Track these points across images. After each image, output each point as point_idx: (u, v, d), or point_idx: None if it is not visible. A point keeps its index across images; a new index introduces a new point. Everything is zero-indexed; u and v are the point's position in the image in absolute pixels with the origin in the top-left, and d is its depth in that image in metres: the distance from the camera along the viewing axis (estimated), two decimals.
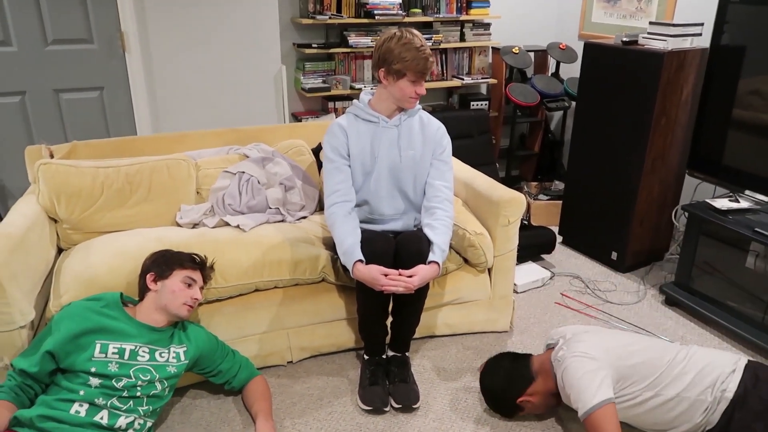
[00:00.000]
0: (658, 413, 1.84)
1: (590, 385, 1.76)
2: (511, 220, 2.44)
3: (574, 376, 1.80)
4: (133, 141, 2.70)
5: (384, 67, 2.08)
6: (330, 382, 2.29)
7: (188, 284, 1.95)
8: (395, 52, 2.04)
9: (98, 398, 1.72)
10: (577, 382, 1.78)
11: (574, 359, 1.83)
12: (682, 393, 1.81)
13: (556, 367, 1.92)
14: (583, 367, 1.80)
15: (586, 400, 1.75)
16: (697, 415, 1.81)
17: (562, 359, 1.88)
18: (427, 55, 2.05)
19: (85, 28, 3.11)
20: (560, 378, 1.87)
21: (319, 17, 3.54)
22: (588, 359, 1.81)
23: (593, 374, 1.78)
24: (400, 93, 2.10)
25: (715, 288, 2.74)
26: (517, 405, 2.01)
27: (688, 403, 1.80)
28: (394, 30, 2.09)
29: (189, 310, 1.93)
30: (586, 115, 3.25)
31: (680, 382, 1.81)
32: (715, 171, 2.76)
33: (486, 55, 4.21)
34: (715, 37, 2.68)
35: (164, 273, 1.95)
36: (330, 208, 2.13)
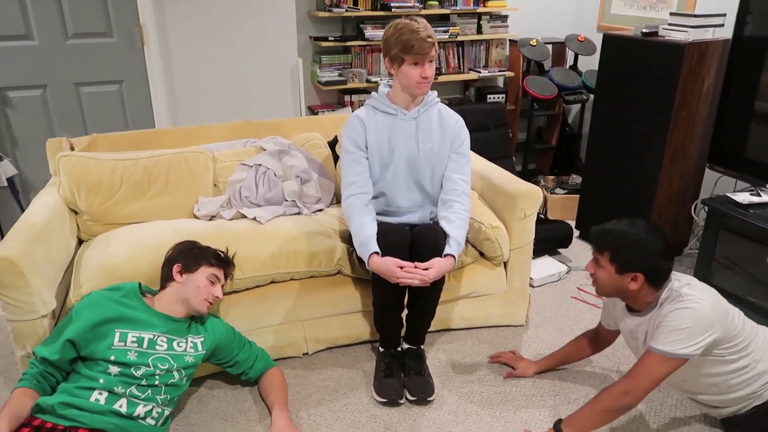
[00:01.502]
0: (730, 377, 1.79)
1: (691, 339, 1.66)
2: (527, 214, 2.43)
3: (686, 319, 1.68)
4: (152, 134, 2.72)
5: (387, 57, 2.09)
6: (345, 373, 2.31)
7: (212, 282, 1.97)
8: (391, 39, 2.05)
9: (117, 386, 1.75)
10: (683, 328, 1.67)
11: (701, 308, 1.69)
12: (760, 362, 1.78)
13: (671, 297, 1.74)
14: (703, 321, 1.67)
15: (673, 345, 1.67)
16: (758, 384, 1.79)
17: (685, 296, 1.72)
18: (423, 36, 2.00)
19: (105, 22, 3.14)
20: (668, 311, 1.72)
21: (336, 10, 3.54)
22: (710, 319, 1.68)
23: (702, 332, 1.67)
24: (407, 79, 2.08)
25: (735, 283, 2.70)
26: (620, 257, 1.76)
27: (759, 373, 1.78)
28: (398, 19, 2.08)
29: (208, 306, 1.96)
30: (604, 108, 3.22)
31: (760, 352, 1.78)
32: (736, 164, 2.71)
33: (503, 47, 4.18)
34: (737, 28, 2.64)
35: (191, 267, 1.97)
36: (347, 200, 2.13)
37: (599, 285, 1.85)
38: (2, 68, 3.02)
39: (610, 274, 1.79)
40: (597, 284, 1.86)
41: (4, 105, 3.08)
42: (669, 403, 2.15)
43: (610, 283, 1.81)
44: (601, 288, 1.85)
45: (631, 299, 1.84)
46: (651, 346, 1.73)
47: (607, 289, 1.84)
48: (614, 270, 1.78)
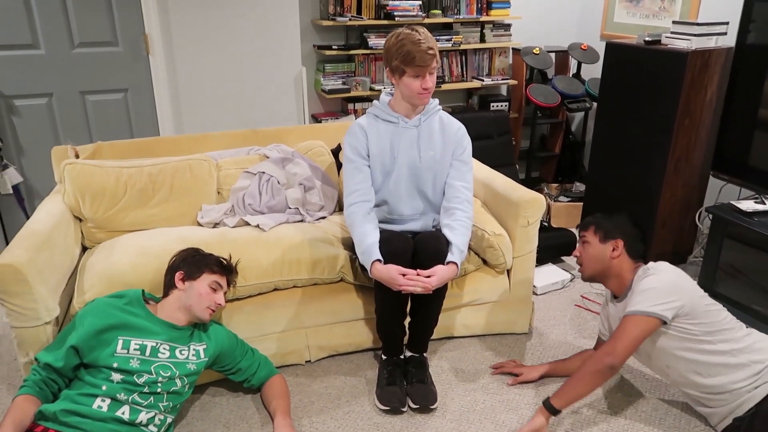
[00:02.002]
0: (709, 358, 1.86)
1: (658, 298, 1.84)
2: (530, 221, 2.42)
3: (652, 282, 1.87)
4: (156, 141, 2.74)
5: (388, 67, 2.09)
6: (348, 381, 2.30)
7: (214, 289, 1.97)
8: (393, 49, 2.04)
9: (120, 393, 1.75)
10: (649, 288, 1.86)
11: (664, 274, 1.89)
12: (740, 353, 1.84)
13: (640, 274, 1.94)
14: (666, 284, 1.86)
15: (643, 303, 1.85)
16: (739, 377, 1.83)
17: (651, 268, 1.93)
18: (424, 48, 2.00)
19: (111, 31, 3.17)
20: (638, 280, 1.92)
21: (339, 19, 3.56)
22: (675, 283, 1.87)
23: (668, 294, 1.85)
24: (408, 90, 2.09)
25: (740, 292, 2.69)
26: (602, 227, 2.05)
27: (740, 365, 1.84)
28: (400, 29, 2.09)
29: (211, 314, 1.96)
30: (607, 116, 3.22)
31: (742, 344, 1.86)
32: (740, 172, 2.71)
33: (506, 55, 4.19)
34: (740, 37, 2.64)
35: (193, 274, 1.97)
36: (349, 208, 2.14)
37: (585, 262, 2.07)
38: (9, 77, 3.04)
39: (594, 245, 2.05)
40: (583, 264, 2.08)
41: (11, 113, 3.10)
42: (668, 422, 2.14)
43: (596, 255, 2.04)
44: (588, 264, 2.07)
45: (613, 276, 2.04)
46: (626, 311, 1.88)
47: (592, 264, 2.05)
48: (598, 239, 2.04)
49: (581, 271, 2.11)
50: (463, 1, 3.92)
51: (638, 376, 2.33)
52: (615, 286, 2.06)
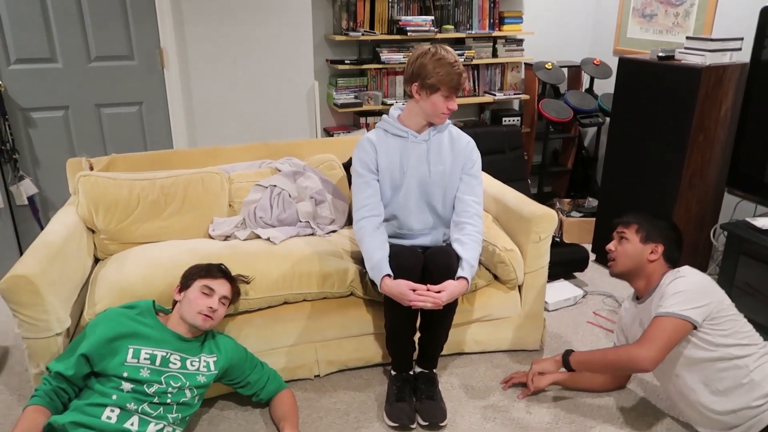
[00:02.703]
0: (725, 375, 1.84)
1: (691, 301, 1.83)
2: (542, 237, 2.41)
3: (684, 284, 1.87)
4: (170, 154, 2.76)
5: (417, 82, 2.09)
6: (357, 397, 2.28)
7: (206, 294, 1.96)
8: (429, 67, 2.05)
9: (130, 403, 1.75)
10: (682, 290, 1.86)
11: (695, 277, 1.90)
12: (755, 369, 1.81)
13: (668, 277, 1.95)
14: (698, 287, 1.87)
15: (677, 306, 1.83)
16: (752, 397, 1.80)
17: (681, 271, 1.94)
18: (460, 71, 2.06)
19: (127, 45, 3.22)
20: (665, 287, 1.91)
21: (353, 34, 3.59)
22: (705, 287, 1.87)
23: (700, 297, 1.84)
24: (432, 108, 2.10)
25: (756, 310, 2.64)
26: (644, 227, 2.05)
27: (753, 383, 1.80)
28: (428, 46, 2.10)
29: (205, 319, 1.93)
30: (620, 131, 3.20)
31: (759, 360, 1.83)
32: (755, 188, 2.67)
33: (518, 70, 4.19)
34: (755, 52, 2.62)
35: (187, 283, 1.99)
36: (359, 223, 2.13)
37: (620, 258, 2.06)
38: (27, 90, 3.09)
39: (634, 244, 2.04)
40: (617, 259, 2.07)
41: (27, 125, 3.15)
42: None
43: (633, 254, 2.03)
44: (622, 260, 2.05)
45: (644, 276, 2.04)
46: (658, 312, 1.86)
47: (627, 261, 2.04)
48: (639, 239, 2.04)
49: (612, 265, 2.10)
50: (476, 17, 3.93)
51: (652, 393, 2.29)
52: (641, 286, 2.06)
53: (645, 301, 2.02)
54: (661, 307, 1.87)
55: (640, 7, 3.88)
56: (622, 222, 2.11)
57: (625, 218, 2.12)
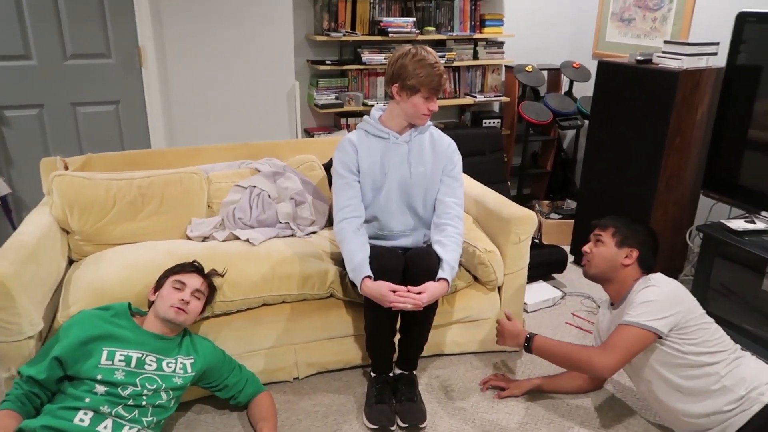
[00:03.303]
0: (696, 382, 1.85)
1: (658, 311, 1.84)
2: (522, 238, 2.42)
3: (652, 294, 1.87)
4: (147, 154, 2.73)
5: (398, 83, 2.08)
6: (336, 399, 2.27)
7: (177, 288, 1.96)
8: (410, 68, 2.04)
9: (103, 406, 1.72)
10: (650, 300, 1.86)
11: (665, 287, 1.89)
12: (726, 375, 1.83)
13: (640, 284, 1.95)
14: (666, 297, 1.86)
15: (642, 316, 1.84)
16: (723, 402, 1.81)
17: (651, 278, 1.94)
18: (441, 72, 2.05)
19: (104, 43, 3.17)
20: (636, 294, 1.92)
21: (334, 34, 3.58)
22: (674, 296, 1.87)
23: (668, 307, 1.85)
24: (413, 109, 2.10)
25: (731, 310, 2.69)
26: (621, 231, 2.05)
27: (724, 388, 1.82)
28: (409, 47, 2.09)
29: (178, 312, 1.91)
30: (599, 134, 3.23)
31: (730, 365, 1.85)
32: (730, 191, 2.72)
33: (499, 73, 4.22)
34: (731, 57, 2.67)
35: (160, 282, 1.99)
36: (339, 224, 2.12)
37: (595, 260, 2.06)
38: (0, 88, 3.03)
39: (609, 247, 2.03)
40: (592, 261, 2.07)
41: (1, 124, 3.08)
42: None
43: (608, 257, 2.02)
44: (596, 262, 2.05)
45: (617, 281, 2.03)
46: (623, 320, 1.87)
47: (601, 264, 2.04)
48: (614, 243, 2.03)
49: (586, 267, 2.10)
50: (457, 19, 3.95)
51: (629, 395, 2.31)
52: (613, 291, 2.06)
53: (618, 308, 2.02)
54: (627, 315, 1.87)
55: (618, 11, 3.93)
56: (600, 224, 2.12)
57: (603, 221, 2.12)
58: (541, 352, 2.00)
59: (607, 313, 2.12)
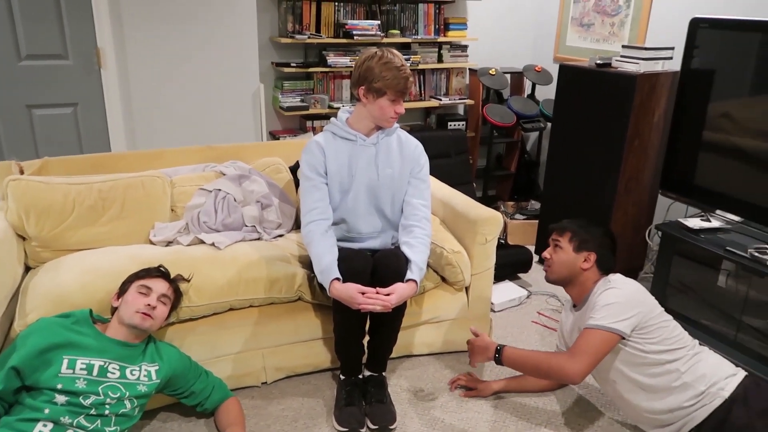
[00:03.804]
0: (658, 380, 1.89)
1: (620, 313, 1.87)
2: (488, 239, 2.45)
3: (613, 296, 1.90)
4: (108, 158, 2.66)
5: (364, 85, 2.08)
6: (305, 403, 2.25)
7: (143, 293, 1.91)
8: (376, 70, 2.05)
9: (64, 416, 1.67)
10: (611, 303, 1.89)
11: (625, 288, 1.92)
12: (686, 371, 1.87)
13: (601, 286, 1.98)
14: (627, 298, 1.89)
15: (605, 319, 1.87)
16: (684, 398, 1.85)
17: (612, 281, 1.97)
18: (407, 74, 2.06)
19: (61, 43, 3.08)
20: (597, 297, 1.94)
21: (298, 37, 3.56)
22: (635, 297, 1.90)
23: (629, 309, 1.88)
24: (380, 112, 2.10)
25: (689, 307, 2.77)
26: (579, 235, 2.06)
27: (685, 384, 1.86)
28: (375, 49, 2.10)
29: (144, 317, 1.86)
30: (561, 136, 3.30)
31: (690, 361, 1.89)
32: (687, 191, 2.81)
33: (463, 76, 4.26)
34: (685, 61, 2.76)
35: (124, 288, 1.94)
36: (307, 226, 2.11)
37: (554, 266, 2.08)
38: None
39: (567, 252, 2.05)
40: (552, 267, 2.09)
41: None
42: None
43: (567, 262, 2.05)
44: (556, 268, 2.08)
45: (577, 284, 2.06)
46: (587, 324, 1.89)
47: (561, 269, 2.07)
48: (572, 248, 2.05)
49: (547, 272, 2.12)
50: (421, 22, 3.98)
51: (594, 392, 2.36)
52: (575, 294, 2.09)
53: (581, 309, 2.06)
54: (591, 318, 1.90)
55: (578, 16, 4.02)
56: (557, 229, 2.13)
57: (560, 225, 2.13)
58: (512, 363, 2.00)
59: (570, 315, 2.15)
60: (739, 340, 2.53)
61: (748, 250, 2.43)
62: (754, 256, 2.39)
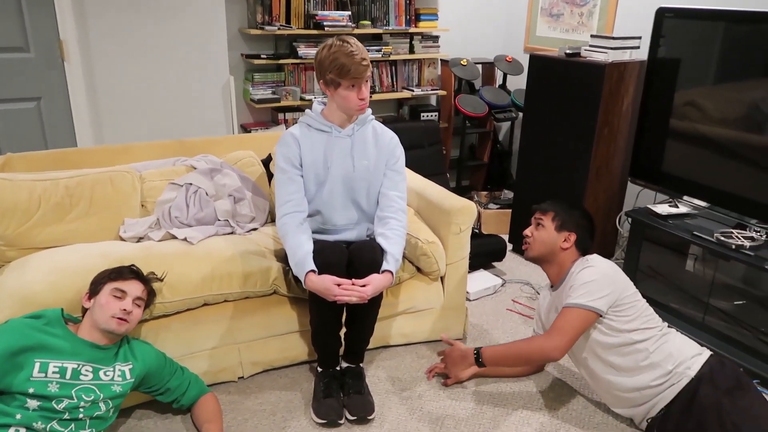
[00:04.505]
0: (627, 359, 1.94)
1: (597, 291, 1.93)
2: (462, 229, 2.46)
3: (590, 274, 1.96)
4: (74, 153, 2.59)
5: (321, 80, 2.07)
6: (283, 396, 2.25)
7: (118, 297, 1.86)
8: (327, 61, 2.02)
9: (37, 422, 1.63)
10: (589, 281, 1.95)
11: (601, 265, 1.99)
12: (654, 351, 1.92)
13: (578, 265, 2.04)
14: (603, 276, 1.95)
15: (583, 297, 1.93)
16: (652, 377, 1.91)
17: (589, 259, 2.03)
18: (358, 59, 1.99)
19: (21, 36, 2.98)
20: (575, 275, 2.00)
21: (268, 28, 3.51)
22: (610, 275, 1.96)
23: (606, 286, 1.94)
24: (344, 101, 2.07)
25: (659, 290, 2.84)
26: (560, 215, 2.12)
27: (653, 364, 1.92)
28: (329, 40, 2.07)
29: (120, 323, 1.83)
30: (532, 126, 3.33)
31: (658, 341, 1.94)
32: (655, 178, 2.87)
33: (435, 66, 4.27)
34: (652, 50, 2.80)
35: (96, 289, 1.88)
36: (282, 219, 2.09)
37: (535, 243, 2.14)
38: None
39: (549, 231, 2.11)
40: (532, 244, 2.15)
41: None
42: (596, 420, 2.22)
43: (547, 240, 2.11)
44: (536, 246, 2.13)
45: (555, 263, 2.13)
46: (566, 303, 1.95)
47: (541, 247, 2.13)
48: (554, 227, 2.11)
49: (527, 249, 2.18)
50: (392, 13, 3.96)
51: (568, 375, 2.40)
52: (553, 273, 2.15)
53: (558, 289, 2.11)
54: (569, 297, 1.97)
55: (547, 6, 4.06)
56: (540, 208, 2.19)
57: (544, 205, 2.19)
58: (494, 362, 2.06)
59: (548, 295, 2.20)
60: (707, 322, 2.60)
61: (714, 235, 2.50)
62: (720, 240, 2.46)
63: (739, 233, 2.49)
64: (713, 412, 1.80)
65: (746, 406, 1.79)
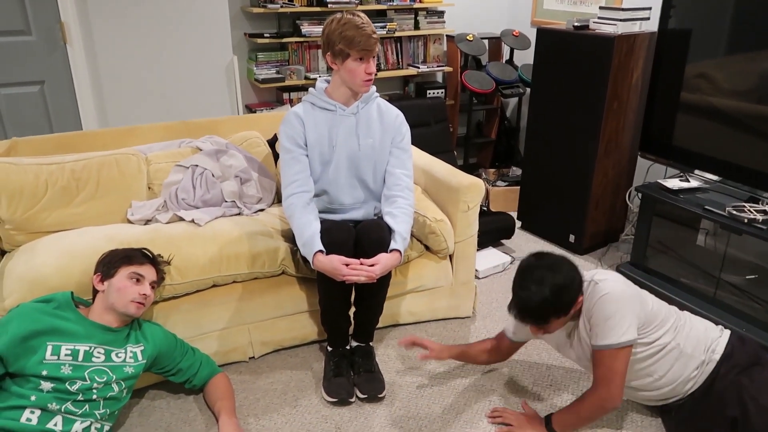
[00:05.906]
0: (663, 363, 1.87)
1: (621, 324, 1.78)
2: (470, 206, 2.44)
3: (610, 304, 1.78)
4: (79, 136, 2.59)
5: (329, 51, 2.05)
6: (294, 375, 2.26)
7: (135, 280, 1.88)
8: (336, 33, 2.00)
9: (51, 403, 1.65)
10: (611, 313, 1.78)
11: (614, 289, 1.80)
12: (684, 344, 1.87)
13: (587, 290, 1.84)
14: (622, 302, 1.79)
15: (613, 337, 1.77)
16: (688, 370, 1.86)
17: (599, 282, 1.83)
18: (368, 32, 1.99)
19: (22, 18, 2.96)
20: (590, 307, 1.82)
21: (271, 6, 3.47)
22: (627, 296, 1.80)
23: (628, 313, 1.79)
24: (350, 75, 2.05)
25: (669, 266, 2.82)
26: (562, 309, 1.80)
27: (686, 356, 1.86)
28: (337, 14, 2.05)
29: (138, 307, 1.86)
30: (540, 101, 3.29)
31: (683, 333, 1.88)
32: (665, 152, 2.82)
33: (441, 43, 4.21)
34: (662, 22, 2.74)
35: (110, 271, 1.88)
36: (288, 199, 2.08)
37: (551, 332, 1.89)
38: None
39: (561, 321, 1.85)
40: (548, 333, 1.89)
41: None
42: None
43: (564, 324, 1.88)
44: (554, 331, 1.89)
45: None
46: (597, 345, 1.81)
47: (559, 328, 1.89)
48: (564, 316, 1.83)
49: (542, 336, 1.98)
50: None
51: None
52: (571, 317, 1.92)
53: (579, 318, 1.91)
54: (596, 337, 1.81)
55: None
56: (537, 324, 1.84)
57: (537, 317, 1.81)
58: (567, 427, 1.91)
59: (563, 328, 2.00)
60: (719, 297, 2.58)
61: (726, 209, 2.46)
62: (731, 215, 2.43)
63: (751, 207, 2.45)
64: (733, 391, 1.78)
65: (765, 380, 1.78)
